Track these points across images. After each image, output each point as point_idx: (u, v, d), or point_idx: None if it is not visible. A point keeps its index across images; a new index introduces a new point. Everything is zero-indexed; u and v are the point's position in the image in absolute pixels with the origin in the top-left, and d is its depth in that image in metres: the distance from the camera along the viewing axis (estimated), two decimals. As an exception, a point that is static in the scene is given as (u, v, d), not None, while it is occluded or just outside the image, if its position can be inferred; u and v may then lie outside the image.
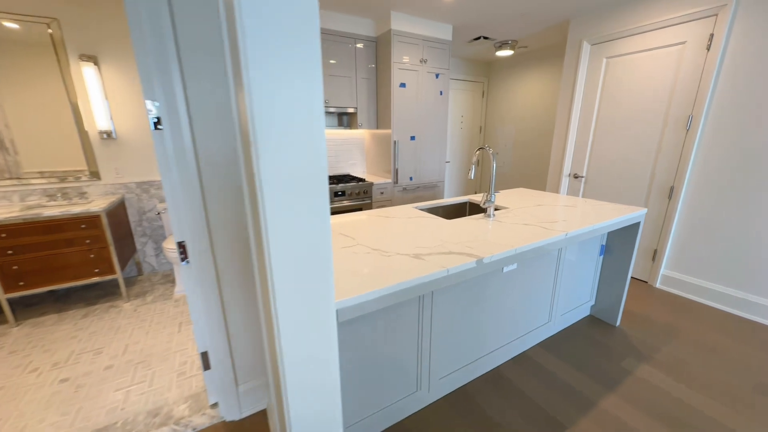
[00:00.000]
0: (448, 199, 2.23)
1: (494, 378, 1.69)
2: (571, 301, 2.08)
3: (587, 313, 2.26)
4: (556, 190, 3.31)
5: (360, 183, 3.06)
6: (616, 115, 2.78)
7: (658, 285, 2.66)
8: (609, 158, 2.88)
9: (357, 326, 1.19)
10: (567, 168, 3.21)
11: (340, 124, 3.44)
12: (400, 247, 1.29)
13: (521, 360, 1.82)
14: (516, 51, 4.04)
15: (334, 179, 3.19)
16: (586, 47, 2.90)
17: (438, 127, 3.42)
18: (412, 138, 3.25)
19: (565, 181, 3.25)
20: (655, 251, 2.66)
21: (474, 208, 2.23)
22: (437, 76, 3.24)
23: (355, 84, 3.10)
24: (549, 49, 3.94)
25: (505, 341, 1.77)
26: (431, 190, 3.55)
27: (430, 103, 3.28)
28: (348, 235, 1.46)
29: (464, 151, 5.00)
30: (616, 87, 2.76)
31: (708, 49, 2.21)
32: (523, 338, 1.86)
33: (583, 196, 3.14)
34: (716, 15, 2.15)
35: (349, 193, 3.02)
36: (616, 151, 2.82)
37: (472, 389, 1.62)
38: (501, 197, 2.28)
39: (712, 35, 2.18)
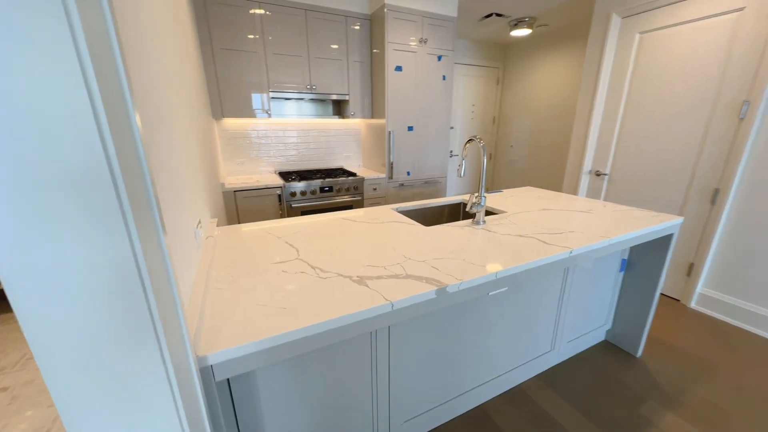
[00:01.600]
0: (439, 200, 1.92)
1: (477, 418, 1.40)
2: (582, 325, 1.74)
3: (601, 338, 1.90)
4: (574, 190, 2.90)
5: (350, 178, 2.79)
6: (649, 101, 2.34)
7: (692, 305, 2.24)
8: (639, 153, 2.44)
9: (277, 368, 0.93)
10: (588, 164, 2.79)
11: (335, 113, 3.16)
12: (347, 265, 1.02)
13: (514, 396, 1.51)
14: (534, 30, 3.58)
15: (323, 173, 2.93)
16: (615, 21, 2.45)
17: (440, 117, 3.07)
18: (410, 128, 2.93)
19: (584, 180, 2.83)
20: (692, 265, 2.23)
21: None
22: (439, 58, 2.88)
23: (347, 68, 2.80)
24: (572, 27, 3.46)
25: (492, 375, 1.46)
26: (432, 186, 3.22)
27: (431, 89, 2.94)
28: (293, 244, 1.20)
29: (475, 144, 4.59)
30: (650, 68, 2.31)
31: (774, 16, 1.75)
32: (518, 370, 1.54)
33: (605, 198, 2.72)
34: (789, -30, 1.68)
35: (337, 189, 2.75)
36: (648, 144, 2.38)
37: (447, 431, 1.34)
38: (501, 198, 1.94)
39: (781, -2, 1.72)
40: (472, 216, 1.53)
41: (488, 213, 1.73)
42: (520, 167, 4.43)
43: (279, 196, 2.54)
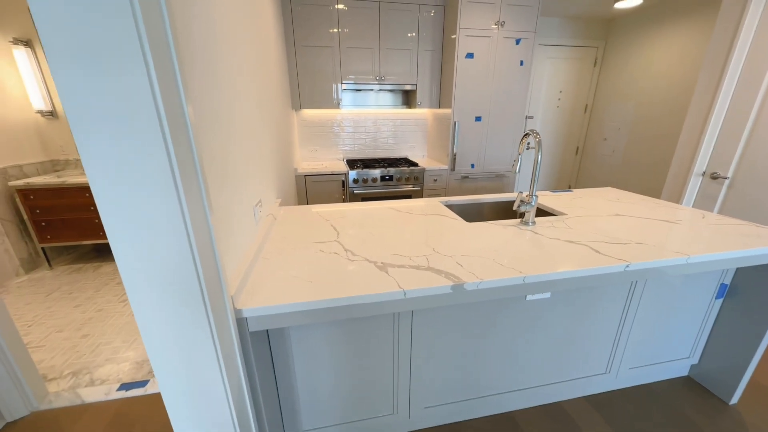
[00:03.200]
0: (491, 195, 1.83)
1: (503, 423, 1.36)
2: (653, 353, 1.49)
3: (683, 373, 1.60)
4: (678, 196, 2.40)
5: (410, 168, 2.83)
6: (805, 84, 1.77)
7: (840, 357, 1.69)
8: (779, 153, 1.89)
9: (310, 332, 1.06)
10: (702, 163, 2.26)
11: (404, 103, 3.20)
12: (376, 251, 1.09)
13: (551, 411, 1.41)
14: (645, 0, 2.98)
15: (386, 162, 3.03)
16: (764, -20, 1.89)
17: (514, 106, 2.85)
18: (478, 119, 2.80)
19: (694, 183, 2.32)
20: None
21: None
22: (518, 41, 2.65)
23: (417, 57, 2.80)
24: (704, -8, 2.76)
25: (526, 384, 1.38)
26: (498, 181, 3.04)
27: (506, 76, 2.73)
28: (336, 227, 1.32)
29: (560, 136, 4.11)
30: (813, 39, 1.73)
31: None
32: (559, 385, 1.42)
33: (720, 209, 2.19)
34: None
35: (398, 178, 2.83)
36: (794, 142, 1.82)
37: (469, 428, 1.34)
38: (568, 199, 1.75)
39: None
40: (522, 216, 1.43)
41: (545, 214, 1.59)
42: (614, 164, 3.81)
43: (342, 182, 2.74)
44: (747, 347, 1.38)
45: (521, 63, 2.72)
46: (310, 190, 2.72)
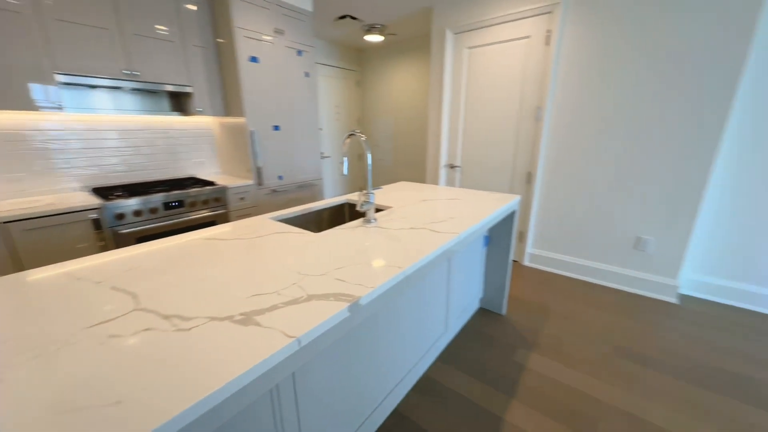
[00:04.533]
0: (322, 202, 1.77)
1: (395, 423, 1.35)
2: (464, 300, 1.95)
3: (477, 306, 2.20)
4: (435, 182, 3.29)
5: (207, 188, 2.28)
6: (480, 106, 2.86)
7: (526, 263, 2.89)
8: (478, 148, 2.96)
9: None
10: (443, 159, 3.20)
11: (175, 109, 2.52)
12: (223, 302, 0.75)
13: (423, 386, 1.54)
14: (386, 38, 3.87)
15: (167, 184, 2.30)
16: (449, 36, 2.87)
17: (308, 115, 2.90)
18: (276, 128, 2.64)
19: (443, 173, 3.25)
20: (522, 232, 2.87)
21: (356, 211, 1.84)
22: (299, 53, 2.70)
23: (184, 53, 2.27)
24: (419, 38, 3.91)
25: (403, 373, 1.44)
26: (308, 190, 3.02)
27: (295, 85, 2.73)
28: (126, 288, 0.82)
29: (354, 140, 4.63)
30: (478, 78, 2.82)
31: (547, 44, 2.40)
32: (423, 358, 1.58)
33: (459, 186, 3.19)
34: (551, 12, 2.33)
35: (190, 203, 2.20)
36: (484, 141, 2.91)
37: (369, 453, 1.23)
38: (382, 195, 1.96)
39: (549, 31, 2.37)
40: (362, 215, 1.46)
41: (377, 210, 1.70)
42: (387, 165, 4.75)
43: (96, 221, 1.82)
44: (502, 274, 2.07)
45: (306, 74, 2.81)
46: (25, 244, 1.62)
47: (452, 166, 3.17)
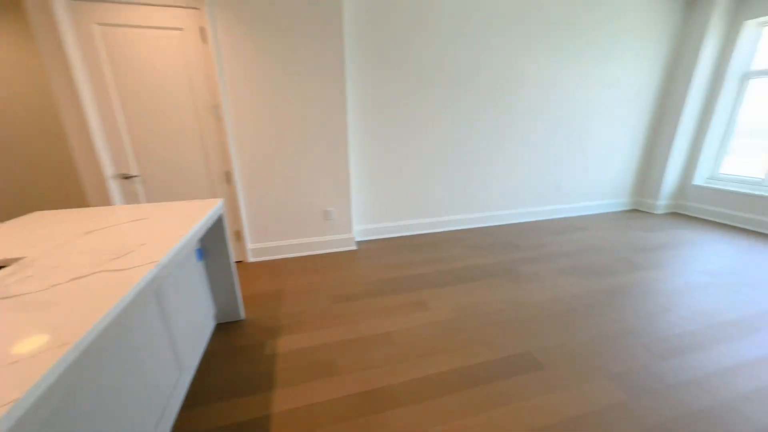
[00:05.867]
0: None
1: None
2: (194, 329, 1.70)
3: (213, 325, 2.00)
4: (108, 199, 2.46)
5: None
6: (144, 100, 2.37)
7: (251, 259, 2.95)
8: (159, 151, 2.50)
9: None
10: (107, 168, 2.42)
11: None
12: None
13: (170, 454, 1.24)
14: None
15: None
16: (59, 2, 2.06)
17: None
18: None
19: (114, 187, 2.47)
20: (238, 231, 2.86)
21: None
22: None
23: None
24: (-14, -12, 2.48)
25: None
26: None
27: None
28: None
29: None
30: (129, 65, 2.29)
31: (205, 41, 2.34)
32: (160, 423, 1.25)
33: (147, 201, 2.59)
34: (198, 8, 2.27)
35: None
36: (165, 141, 2.48)
37: None
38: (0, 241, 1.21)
39: (203, 29, 2.32)
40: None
41: (-17, 272, 1.02)
42: (-3, 189, 2.93)
43: None
44: (230, 281, 1.99)
45: None
46: None
47: (126, 177, 2.49)
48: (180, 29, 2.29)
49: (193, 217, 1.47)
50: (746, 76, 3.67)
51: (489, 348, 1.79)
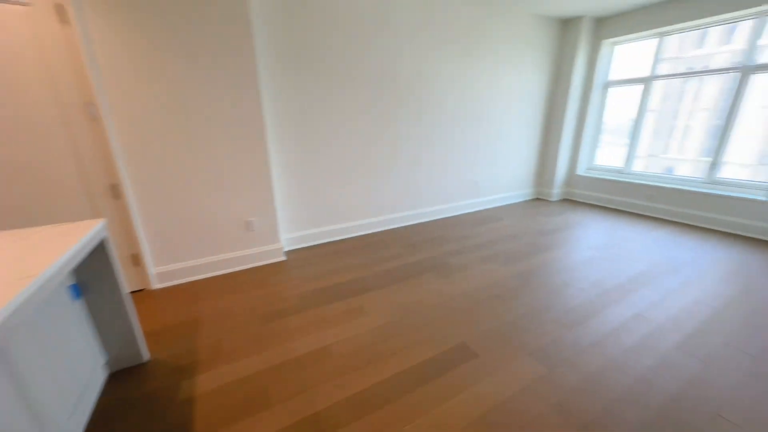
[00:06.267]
0: None
1: None
2: (71, 391, 1.33)
3: (104, 377, 1.61)
4: None
5: None
6: (-28, 95, 1.78)
7: (156, 286, 2.49)
8: (6, 160, 1.91)
9: None
10: None
11: None
12: None
13: None
14: None
15: None
16: None
17: None
18: None
19: (-69, 212, 1.81)
20: (135, 255, 2.38)
21: None
22: None
23: None
24: None
25: None
26: None
27: None
28: None
29: None
30: (-59, 48, 1.69)
31: (64, 22, 1.87)
32: None
33: (-10, 226, 1.96)
34: (52, -20, 1.80)
35: None
36: (12, 149, 1.91)
37: None
38: None
39: (60, 5, 1.84)
40: None
41: None
42: None
43: None
44: (123, 318, 1.62)
45: None
46: None
47: (-47, 198, 1.84)
48: (26, 4, 1.79)
49: (55, 248, 1.14)
50: (606, 85, 4.52)
51: (428, 345, 1.81)
